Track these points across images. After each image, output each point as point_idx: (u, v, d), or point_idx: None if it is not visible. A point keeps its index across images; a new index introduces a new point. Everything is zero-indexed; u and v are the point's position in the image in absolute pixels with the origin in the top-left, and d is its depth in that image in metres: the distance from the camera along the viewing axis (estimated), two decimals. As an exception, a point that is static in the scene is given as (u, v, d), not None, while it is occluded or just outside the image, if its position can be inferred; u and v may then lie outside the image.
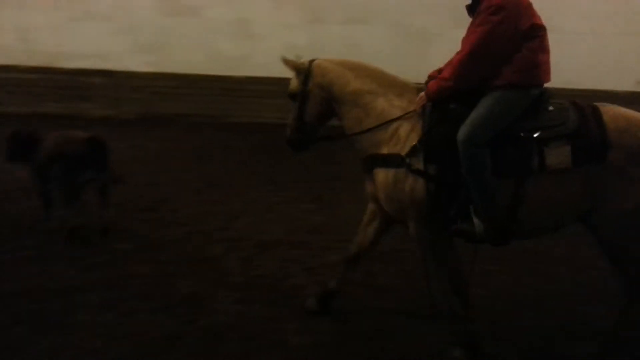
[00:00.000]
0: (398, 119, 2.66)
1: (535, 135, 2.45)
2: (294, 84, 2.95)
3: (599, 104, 2.54)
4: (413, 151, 2.56)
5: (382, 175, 2.65)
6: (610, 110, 2.50)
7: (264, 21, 8.89)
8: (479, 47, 2.48)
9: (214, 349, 2.74)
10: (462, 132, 2.46)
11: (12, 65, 9.90)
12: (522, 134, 2.47)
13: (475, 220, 2.52)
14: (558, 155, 2.42)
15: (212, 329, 2.91)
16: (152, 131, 7.92)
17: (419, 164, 2.53)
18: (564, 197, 2.46)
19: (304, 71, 2.90)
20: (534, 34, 2.51)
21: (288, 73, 3.00)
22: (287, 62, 2.96)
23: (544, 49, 2.55)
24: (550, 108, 2.52)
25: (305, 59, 2.94)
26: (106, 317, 2.99)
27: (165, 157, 6.72)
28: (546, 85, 2.60)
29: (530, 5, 2.54)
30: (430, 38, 8.38)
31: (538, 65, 2.53)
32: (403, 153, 2.57)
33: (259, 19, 8.90)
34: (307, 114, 2.93)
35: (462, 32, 2.66)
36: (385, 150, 2.66)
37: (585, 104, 2.53)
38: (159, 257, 3.83)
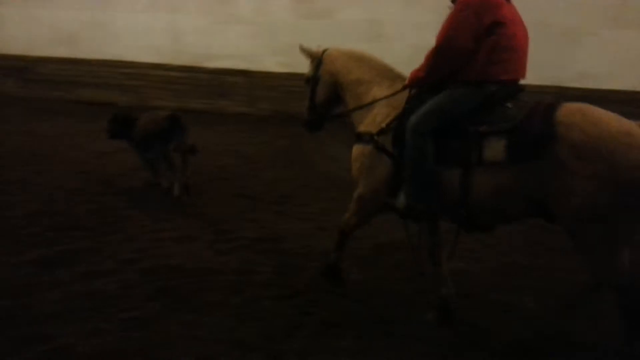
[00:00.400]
0: (373, 103, 2.97)
1: (478, 129, 2.53)
2: (309, 70, 3.34)
3: (568, 103, 2.46)
4: (381, 132, 2.83)
5: (355, 149, 2.98)
6: (571, 107, 2.42)
7: (394, 22, 8.83)
8: (445, 41, 2.62)
9: (330, 342, 2.78)
10: (411, 120, 2.67)
11: (162, 64, 10.99)
12: (467, 128, 2.56)
13: (401, 197, 2.78)
14: (493, 150, 2.48)
15: (330, 322, 2.95)
16: (285, 128, 8.26)
17: (384, 144, 2.80)
18: (505, 190, 2.49)
19: (317, 59, 3.28)
20: (494, 32, 2.55)
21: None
22: (303, 49, 3.35)
23: (504, 47, 2.57)
24: (509, 105, 2.58)
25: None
26: (234, 300, 3.17)
27: (294, 153, 6.96)
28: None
29: (496, 4, 2.58)
30: (578, 38, 7.59)
31: (496, 62, 2.58)
32: (374, 132, 2.85)
33: (390, 20, 8.86)
34: (318, 97, 3.30)
35: (617, 33, 2.39)
36: (362, 129, 2.96)
37: (548, 102, 2.50)
38: (283, 248, 3.98)
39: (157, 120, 5.06)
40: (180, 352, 2.63)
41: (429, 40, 2.77)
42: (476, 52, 2.58)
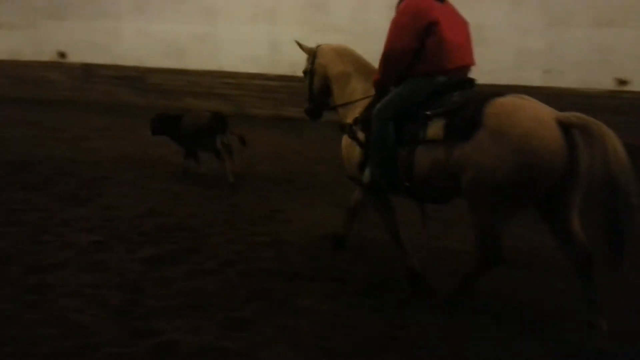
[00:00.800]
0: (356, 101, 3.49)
1: (425, 112, 2.97)
2: (306, 64, 3.83)
3: (504, 96, 2.81)
4: (355, 122, 3.38)
5: (343, 140, 3.51)
6: (502, 100, 2.79)
7: (499, 25, 8.47)
8: (390, 47, 3.10)
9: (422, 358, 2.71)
10: (375, 108, 3.18)
11: (260, 74, 11.44)
12: (418, 112, 3.01)
13: (366, 174, 3.29)
14: (434, 129, 2.92)
15: (423, 338, 2.87)
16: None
17: (357, 132, 3.33)
18: (438, 164, 2.92)
19: (312, 54, 3.76)
20: (433, 30, 2.96)
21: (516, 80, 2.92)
22: (300, 45, 3.86)
23: (443, 39, 2.98)
24: (455, 93, 3.04)
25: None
26: (327, 306, 3.19)
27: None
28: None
29: (429, 7, 2.99)
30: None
31: (441, 55, 3.00)
32: (347, 122, 3.46)
33: (494, 24, 8.51)
34: (314, 88, 3.80)
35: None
36: (346, 121, 3.50)
37: (487, 93, 2.89)
38: (379, 256, 3.95)
39: (203, 118, 5.90)
40: (276, 357, 2.68)
41: (534, 44, 2.68)
42: (422, 49, 3.02)
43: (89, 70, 13.69)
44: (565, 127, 2.60)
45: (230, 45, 11.70)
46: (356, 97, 3.50)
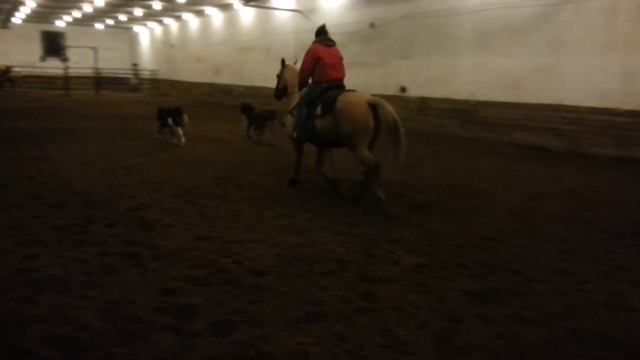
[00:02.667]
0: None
1: (317, 101, 6.27)
2: (279, 71, 7.39)
3: (351, 91, 6.33)
4: (292, 109, 6.82)
5: (288, 117, 6.99)
6: (347, 92, 6.21)
7: None
8: (303, 67, 6.58)
9: None
10: (299, 100, 6.66)
11: (606, 108, 10.11)
12: (316, 101, 6.29)
13: (295, 134, 6.65)
14: (320, 109, 6.20)
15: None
16: None
17: (293, 113, 6.77)
18: (325, 127, 6.19)
19: (282, 66, 7.33)
20: (319, 61, 6.36)
21: None
22: (281, 60, 7.44)
23: (325, 65, 6.38)
24: (330, 92, 6.30)
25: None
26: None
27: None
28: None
29: (318, 50, 6.43)
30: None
31: (323, 73, 6.40)
32: (290, 109, 6.96)
33: None
34: (280, 84, 7.31)
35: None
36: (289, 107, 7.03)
37: (342, 90, 6.35)
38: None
39: (264, 111, 11.68)
40: None
41: None
42: (315, 70, 6.41)
43: (424, 103, 14.74)
44: (370, 104, 5.91)
45: (574, 78, 10.77)
46: (294, 93, 7.00)
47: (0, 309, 3.13)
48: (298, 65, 6.98)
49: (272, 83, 19.85)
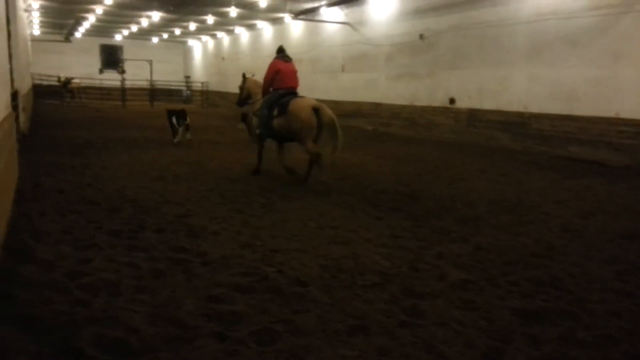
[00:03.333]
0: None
1: (275, 104, 7.92)
2: (240, 83, 9.44)
3: (302, 97, 8.07)
4: (256, 110, 8.63)
5: (253, 118, 8.98)
6: (296, 98, 7.83)
7: None
8: (265, 77, 8.30)
9: None
10: (261, 104, 8.36)
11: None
12: (274, 104, 7.94)
13: (258, 130, 8.46)
14: (276, 111, 7.85)
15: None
16: None
17: (257, 114, 8.55)
18: (281, 125, 7.79)
19: (243, 80, 9.32)
20: (278, 73, 8.07)
21: None
22: (242, 74, 9.69)
23: (282, 76, 8.09)
24: (286, 97, 7.85)
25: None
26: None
27: None
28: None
29: (278, 64, 8.16)
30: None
31: (281, 83, 8.08)
32: (254, 110, 8.84)
33: None
34: (242, 95, 9.29)
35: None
36: (253, 110, 8.99)
37: (295, 96, 7.98)
38: None
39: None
40: None
41: None
42: (275, 80, 8.13)
43: (474, 115, 14.47)
44: (314, 108, 7.50)
45: (633, 90, 10.30)
46: (258, 99, 8.70)
47: (56, 310, 3.27)
48: (257, 78, 9.28)
49: (318, 94, 19.99)
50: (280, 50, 8.45)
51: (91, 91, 31.68)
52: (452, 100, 15.15)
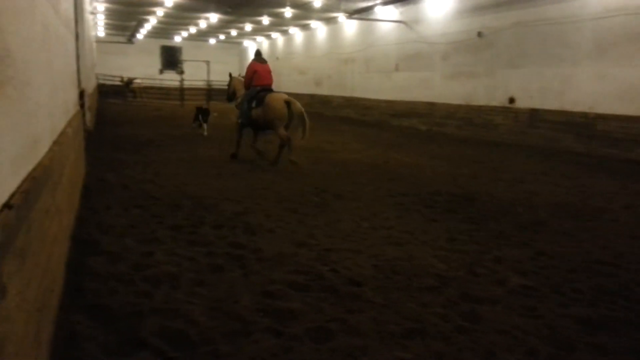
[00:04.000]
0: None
1: (253, 98, 9.54)
2: (229, 81, 11.24)
3: (277, 92, 9.75)
4: (238, 103, 10.26)
5: (235, 111, 10.65)
6: (271, 93, 9.44)
7: None
8: (246, 77, 9.96)
9: None
10: (243, 98, 9.97)
11: None
12: (253, 99, 9.53)
13: (240, 119, 9.94)
14: (255, 103, 9.46)
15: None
16: None
17: (238, 107, 10.30)
18: (259, 115, 9.40)
19: (230, 78, 11.16)
20: (256, 73, 9.66)
21: None
22: (229, 74, 11.56)
23: (259, 76, 9.63)
24: (262, 92, 9.45)
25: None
26: None
27: None
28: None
29: (255, 66, 9.77)
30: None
31: (258, 81, 9.62)
32: (236, 104, 10.51)
33: None
34: (230, 91, 10.94)
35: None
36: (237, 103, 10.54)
37: (270, 91, 9.61)
38: None
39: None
40: None
41: None
42: (253, 79, 9.68)
43: (534, 115, 13.96)
44: (286, 101, 9.17)
45: None
46: (240, 95, 10.22)
47: (122, 301, 3.42)
48: (242, 77, 10.88)
49: (371, 94, 19.76)
50: (258, 54, 10.18)
51: (151, 91, 32.90)
52: (511, 100, 14.67)
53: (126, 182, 7.38)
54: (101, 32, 33.48)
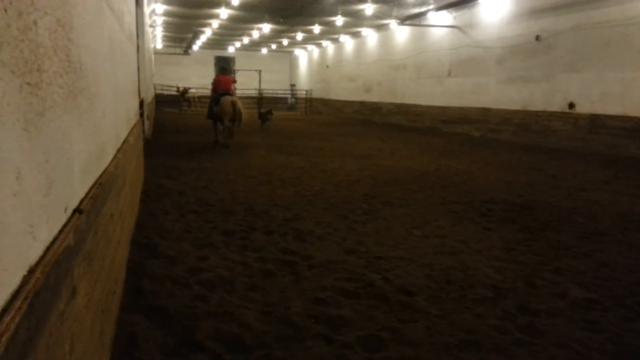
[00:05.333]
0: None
1: (215, 100, 13.46)
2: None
3: (228, 95, 13.31)
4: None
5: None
6: (224, 96, 13.13)
7: None
8: (212, 86, 14.15)
9: None
10: (211, 99, 14.04)
11: None
12: (214, 99, 13.49)
13: (210, 114, 13.87)
14: (214, 103, 13.40)
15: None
16: None
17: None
18: (217, 111, 13.27)
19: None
20: (218, 83, 13.73)
21: None
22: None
23: (220, 84, 13.61)
24: (222, 97, 13.12)
25: None
26: None
27: None
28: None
29: (218, 77, 14.17)
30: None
31: (219, 88, 13.50)
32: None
33: None
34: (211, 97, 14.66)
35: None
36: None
37: (227, 95, 13.30)
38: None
39: (267, 110, 21.85)
40: None
41: None
42: (217, 87, 13.63)
43: (595, 121, 13.37)
44: (232, 102, 12.91)
45: None
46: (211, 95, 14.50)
47: (179, 303, 3.52)
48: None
49: (423, 100, 19.38)
50: (222, 69, 15.87)
51: (206, 100, 33.76)
52: (571, 105, 14.11)
53: (182, 189, 7.63)
54: (159, 44, 34.84)
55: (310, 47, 37.15)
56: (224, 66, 16.26)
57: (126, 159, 4.16)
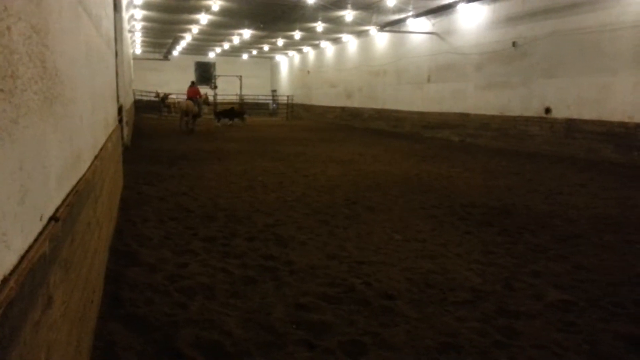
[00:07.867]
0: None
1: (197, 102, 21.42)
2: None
3: (186, 99, 21.47)
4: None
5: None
6: (187, 99, 21.40)
7: None
8: (187, 94, 21.68)
9: None
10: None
11: None
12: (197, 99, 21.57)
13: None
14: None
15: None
16: None
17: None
18: (179, 108, 23.60)
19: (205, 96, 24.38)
20: (188, 93, 21.59)
21: None
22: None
23: (188, 94, 21.46)
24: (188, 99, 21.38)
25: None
26: None
27: None
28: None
29: (188, 89, 21.78)
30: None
31: (189, 95, 21.27)
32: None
33: None
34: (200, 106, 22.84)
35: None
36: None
37: (190, 99, 21.16)
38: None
39: (239, 108, 27.08)
40: None
41: None
42: (187, 95, 21.44)
43: (571, 126, 13.65)
44: (186, 104, 20.68)
45: None
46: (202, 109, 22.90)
47: (158, 311, 3.49)
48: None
49: (402, 106, 19.40)
50: (192, 83, 21.92)
51: (186, 105, 33.57)
52: (547, 110, 14.38)
53: (162, 195, 7.56)
54: (138, 50, 34.52)
55: (291, 52, 37.21)
56: (193, 81, 23.02)
57: (104, 165, 4.11)
